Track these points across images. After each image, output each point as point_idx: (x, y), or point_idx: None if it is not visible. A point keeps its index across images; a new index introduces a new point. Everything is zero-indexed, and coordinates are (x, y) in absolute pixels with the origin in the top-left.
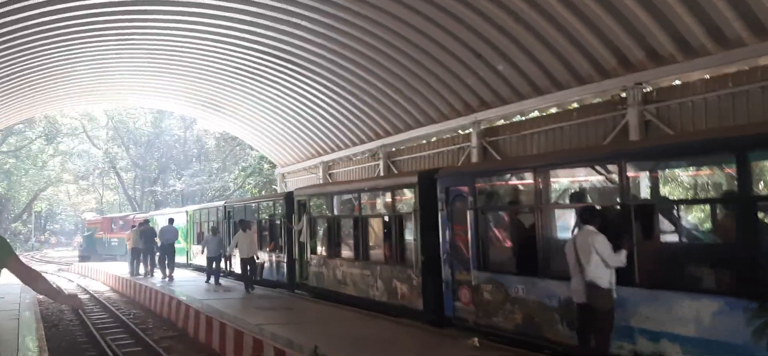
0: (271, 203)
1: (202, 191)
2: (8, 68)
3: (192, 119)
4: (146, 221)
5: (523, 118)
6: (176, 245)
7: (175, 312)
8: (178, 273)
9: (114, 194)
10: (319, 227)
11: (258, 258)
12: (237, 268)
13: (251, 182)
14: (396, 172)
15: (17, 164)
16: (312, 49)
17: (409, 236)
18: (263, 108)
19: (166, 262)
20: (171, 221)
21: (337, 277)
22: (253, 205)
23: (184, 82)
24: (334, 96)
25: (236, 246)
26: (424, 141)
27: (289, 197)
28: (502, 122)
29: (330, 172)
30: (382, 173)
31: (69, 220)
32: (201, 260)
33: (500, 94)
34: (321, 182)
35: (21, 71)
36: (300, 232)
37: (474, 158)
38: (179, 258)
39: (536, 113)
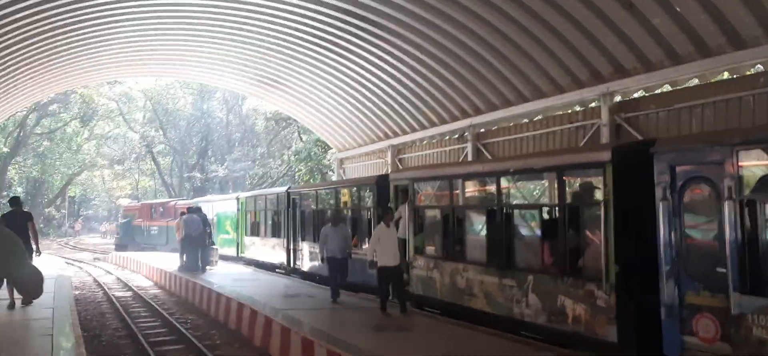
0: (354, 190)
1: (244, 177)
2: (51, 32)
3: (236, 100)
4: (198, 208)
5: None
6: (225, 236)
7: (248, 324)
8: (228, 268)
9: (150, 179)
10: (428, 221)
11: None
12: (305, 265)
13: (302, 168)
14: (489, 157)
15: (52, 147)
16: (389, 14)
17: (590, 236)
18: (324, 84)
19: (200, 255)
20: (196, 210)
21: (457, 285)
22: (327, 192)
23: (237, 55)
24: (413, 69)
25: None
26: (526, 120)
27: (382, 181)
28: (641, 93)
29: (400, 157)
30: (470, 158)
31: (103, 206)
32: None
33: (646, 55)
34: (389, 167)
35: (63, 37)
36: (397, 226)
37: (604, 139)
38: (228, 250)
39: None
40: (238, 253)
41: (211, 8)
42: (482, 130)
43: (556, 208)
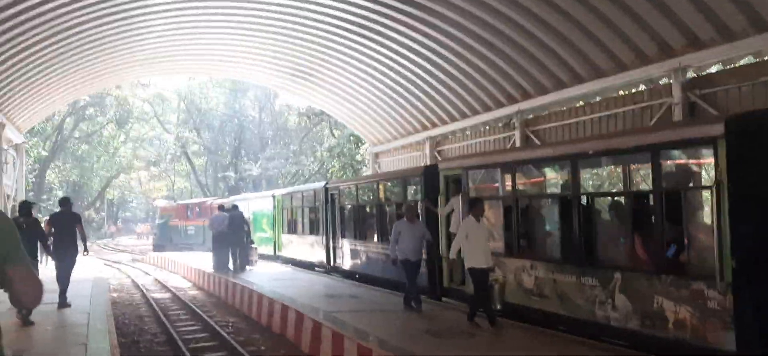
0: (397, 183)
1: (278, 175)
2: (81, 26)
3: (267, 98)
4: (234, 206)
5: None
6: (262, 235)
7: (293, 328)
8: (266, 267)
9: (185, 180)
10: (490, 212)
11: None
12: (346, 264)
13: (336, 164)
14: (538, 142)
15: (90, 150)
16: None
17: (697, 226)
18: (358, 74)
19: (238, 254)
20: (233, 208)
21: (523, 285)
22: (368, 185)
23: (270, 48)
24: (454, 52)
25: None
26: (581, 103)
27: (430, 172)
28: (718, 67)
29: (439, 149)
30: (517, 145)
31: (140, 207)
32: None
33: (726, 24)
34: (427, 160)
35: (94, 32)
36: (449, 220)
37: (677, 119)
38: (265, 249)
39: None
40: (275, 252)
41: (245, 1)
42: (531, 116)
43: (651, 194)
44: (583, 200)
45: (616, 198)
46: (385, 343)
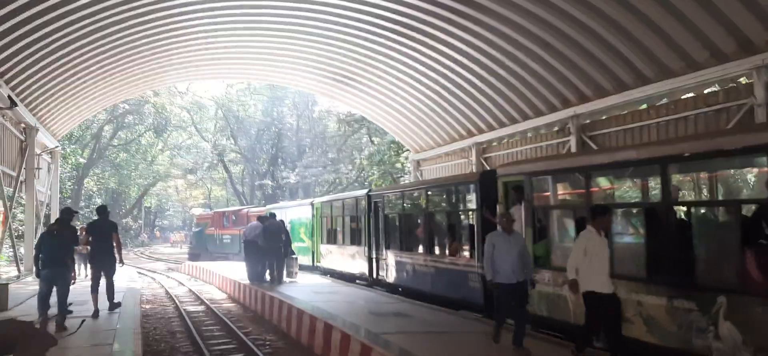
0: (449, 190)
1: (315, 183)
2: (121, 24)
3: (306, 105)
4: (272, 215)
5: None
6: (300, 244)
7: (338, 351)
8: (304, 278)
9: (222, 189)
10: (553, 224)
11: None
12: (390, 276)
13: (375, 172)
14: (596, 148)
15: (128, 158)
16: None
17: None
18: (401, 78)
19: (275, 266)
20: (271, 216)
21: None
22: (416, 193)
23: (311, 52)
24: (504, 53)
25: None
26: (644, 106)
27: (487, 178)
28: None
29: (485, 156)
30: (573, 151)
31: (177, 216)
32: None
33: None
34: (473, 167)
35: (133, 31)
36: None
37: (760, 121)
38: (303, 259)
39: None
40: (313, 262)
41: (285, 3)
42: (587, 121)
43: None
44: (676, 210)
45: (719, 208)
46: None
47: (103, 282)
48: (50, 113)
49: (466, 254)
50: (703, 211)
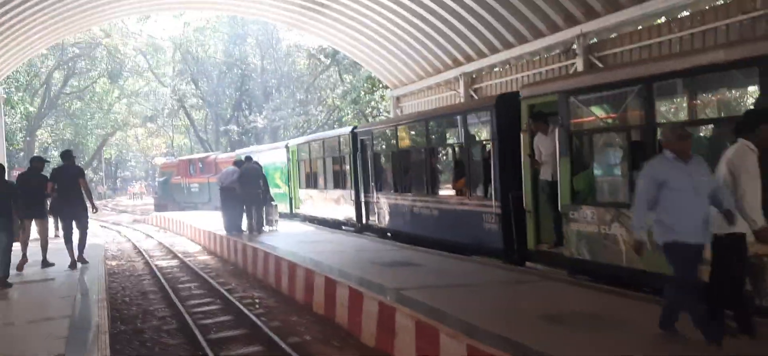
0: (458, 120)
1: (284, 127)
2: None
3: (270, 43)
4: (249, 158)
5: None
6: (275, 191)
7: (347, 311)
8: (283, 226)
9: (184, 136)
10: (598, 152)
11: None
12: (383, 221)
13: (349, 112)
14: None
15: (83, 107)
16: None
17: None
18: (377, 3)
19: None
20: (247, 160)
21: None
22: (412, 127)
23: None
24: None
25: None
26: (662, 20)
27: (506, 102)
28: None
29: (475, 87)
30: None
31: (139, 166)
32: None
33: None
34: (461, 99)
35: None
36: (538, 165)
37: None
38: (280, 207)
39: None
40: (291, 209)
41: None
42: (594, 40)
43: None
44: None
45: None
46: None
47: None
48: None
49: (480, 192)
50: None
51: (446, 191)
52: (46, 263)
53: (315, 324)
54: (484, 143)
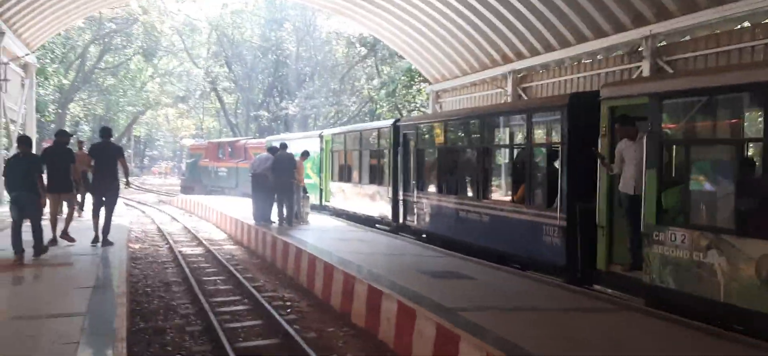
0: (521, 120)
1: (316, 116)
2: None
3: (307, 30)
4: (284, 145)
5: None
6: (308, 181)
7: (391, 324)
8: (313, 220)
9: (214, 119)
10: (700, 165)
11: None
12: (423, 223)
13: (384, 105)
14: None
15: (116, 84)
16: None
17: None
18: None
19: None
20: (282, 147)
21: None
22: (468, 123)
23: None
24: None
25: None
26: (746, 24)
27: (580, 103)
28: None
29: (523, 86)
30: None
31: (167, 146)
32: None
33: None
34: (508, 98)
35: None
36: (617, 174)
37: None
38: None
39: None
40: (321, 201)
41: None
42: (663, 42)
43: None
44: None
45: None
46: None
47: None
48: (20, 16)
49: (541, 200)
50: None
51: (500, 195)
52: (66, 236)
53: (355, 338)
54: (550, 146)
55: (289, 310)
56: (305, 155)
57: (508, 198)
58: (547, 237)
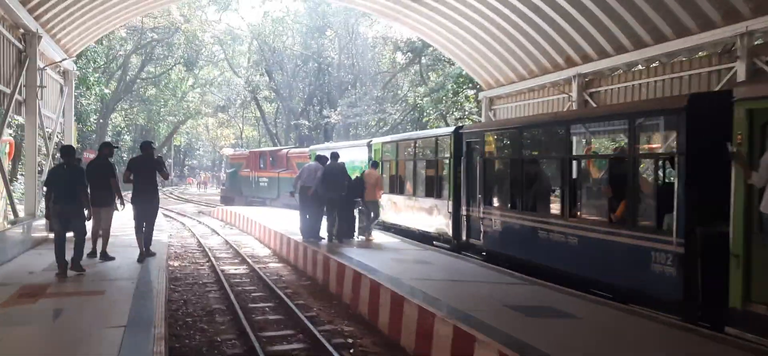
0: (623, 125)
1: (357, 124)
2: None
3: (350, 37)
4: (335, 154)
5: None
6: None
7: None
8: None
9: (253, 129)
10: None
11: None
12: (491, 243)
13: (431, 113)
14: None
15: (157, 94)
16: None
17: None
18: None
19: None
20: (333, 157)
21: None
22: (552, 130)
23: None
24: None
25: None
26: None
27: (706, 104)
28: None
29: (590, 91)
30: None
31: (207, 155)
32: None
33: None
34: (574, 105)
35: None
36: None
37: None
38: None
39: None
40: None
41: None
42: (760, 41)
43: None
44: None
45: None
46: None
47: None
48: (58, 19)
49: (649, 221)
50: None
51: (592, 214)
52: (105, 257)
53: None
54: (661, 157)
55: (351, 349)
56: (374, 166)
57: (604, 218)
58: (657, 265)
